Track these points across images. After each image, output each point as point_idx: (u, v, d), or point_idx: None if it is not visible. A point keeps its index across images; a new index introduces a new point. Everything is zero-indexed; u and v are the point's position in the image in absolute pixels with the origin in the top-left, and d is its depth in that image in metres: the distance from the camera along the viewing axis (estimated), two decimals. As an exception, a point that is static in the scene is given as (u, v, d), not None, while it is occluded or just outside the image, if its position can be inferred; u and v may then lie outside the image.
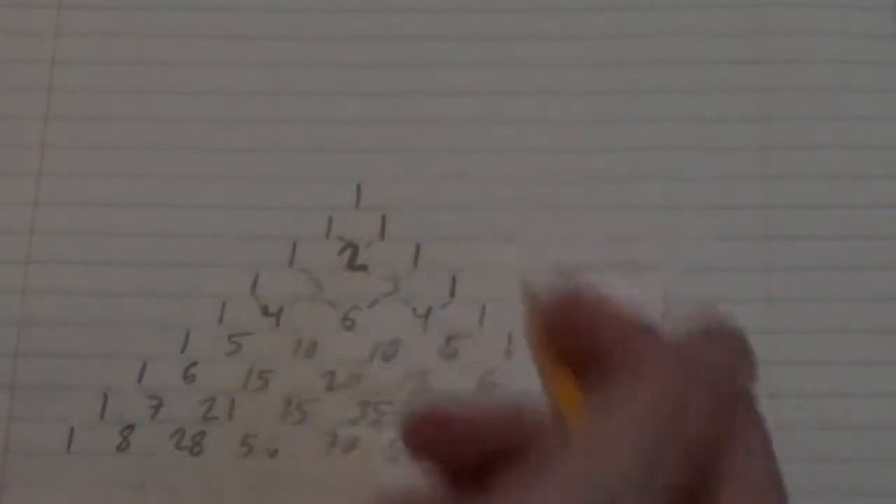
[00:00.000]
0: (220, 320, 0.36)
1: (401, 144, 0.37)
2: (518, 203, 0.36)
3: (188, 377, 0.35)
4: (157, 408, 0.35)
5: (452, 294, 0.36)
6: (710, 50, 0.37)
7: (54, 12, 0.39)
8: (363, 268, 0.36)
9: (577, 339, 0.22)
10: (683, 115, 0.37)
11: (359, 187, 0.37)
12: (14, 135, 0.37)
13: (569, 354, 0.23)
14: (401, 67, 0.38)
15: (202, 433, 0.35)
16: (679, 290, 0.35)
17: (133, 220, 0.37)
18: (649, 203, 0.36)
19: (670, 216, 0.36)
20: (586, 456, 0.20)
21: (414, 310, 0.36)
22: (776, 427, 0.22)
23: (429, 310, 0.36)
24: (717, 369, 0.22)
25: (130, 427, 0.35)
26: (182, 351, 0.36)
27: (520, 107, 0.37)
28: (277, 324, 0.36)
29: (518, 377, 0.35)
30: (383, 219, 0.37)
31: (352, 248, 0.36)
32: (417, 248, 0.36)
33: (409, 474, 0.34)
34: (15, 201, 0.37)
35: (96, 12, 0.39)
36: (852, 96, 0.37)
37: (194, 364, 0.36)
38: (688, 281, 0.35)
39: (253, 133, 0.37)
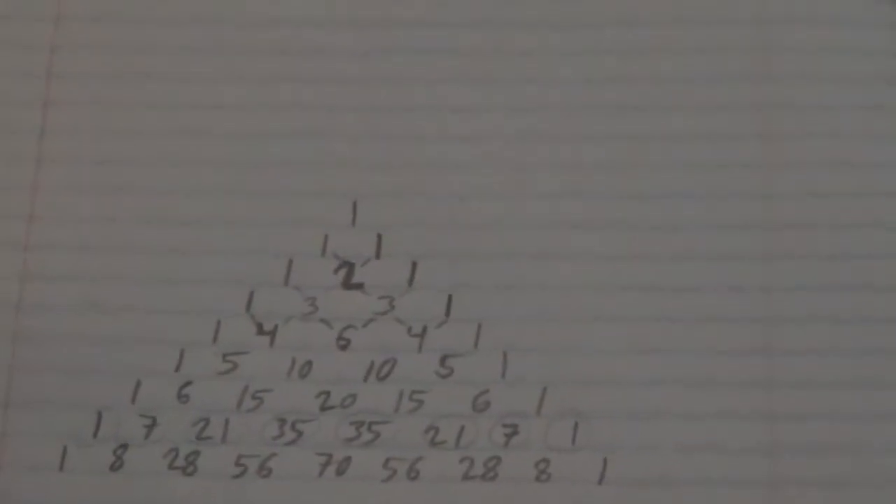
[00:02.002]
0: (215, 339, 0.36)
1: (398, 161, 0.37)
2: (515, 222, 0.36)
3: (182, 396, 0.35)
4: (150, 427, 0.35)
5: (448, 313, 0.36)
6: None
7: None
8: (359, 286, 0.36)
9: None
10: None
11: (355, 205, 0.37)
12: (7, 148, 0.37)
13: None
14: (400, 83, 0.38)
15: (196, 453, 0.35)
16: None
17: (127, 235, 0.36)
18: (645, 223, 0.36)
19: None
20: None
21: (409, 329, 0.36)
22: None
23: (424, 329, 0.36)
24: None
25: (124, 446, 0.35)
26: (176, 369, 0.36)
27: (520, 125, 0.37)
28: (272, 343, 0.36)
29: (513, 398, 0.35)
30: (379, 237, 0.36)
31: (347, 266, 0.36)
32: (413, 266, 0.36)
33: (403, 495, 0.34)
34: (9, 215, 0.37)
35: (93, 24, 0.39)
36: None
37: (189, 383, 0.35)
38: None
39: (248, 148, 0.37)
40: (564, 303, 0.35)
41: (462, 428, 0.35)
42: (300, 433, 0.35)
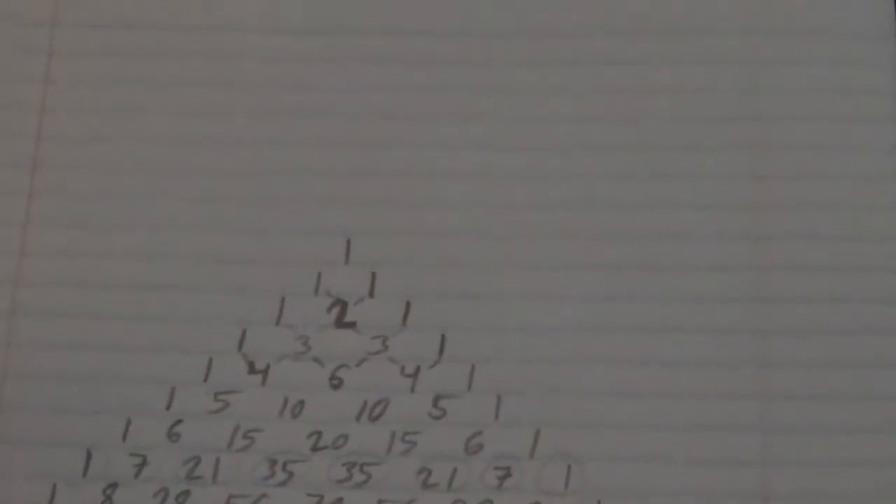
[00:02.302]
0: (206, 377, 0.35)
1: (392, 200, 0.37)
2: (510, 263, 0.36)
3: (173, 435, 0.35)
4: (140, 466, 0.35)
5: (441, 354, 0.36)
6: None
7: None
8: (352, 325, 0.36)
9: None
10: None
11: (348, 243, 0.36)
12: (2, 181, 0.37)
13: None
14: (395, 120, 0.37)
15: (186, 493, 0.35)
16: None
17: (119, 271, 0.36)
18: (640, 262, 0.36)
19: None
20: None
21: (402, 369, 0.35)
22: None
23: (417, 369, 0.35)
24: None
25: (113, 485, 0.35)
26: (167, 408, 0.35)
27: (514, 164, 0.37)
28: (264, 382, 0.35)
29: (506, 440, 0.35)
30: (373, 276, 0.36)
31: (340, 304, 0.36)
32: (407, 305, 0.36)
33: (395, 539, 0.34)
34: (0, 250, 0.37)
35: (85, 59, 0.38)
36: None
37: (179, 422, 0.35)
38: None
39: (242, 185, 0.37)
40: (558, 345, 0.35)
41: (455, 470, 0.35)
42: (291, 474, 0.35)
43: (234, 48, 0.38)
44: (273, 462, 0.35)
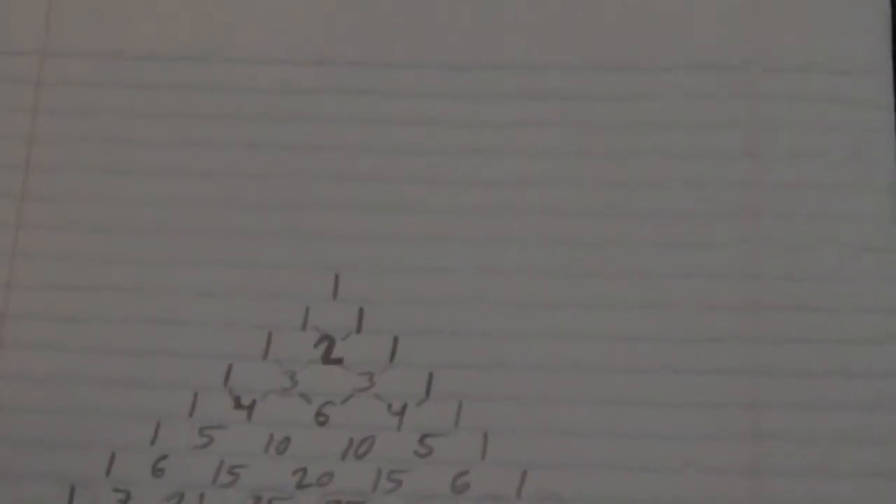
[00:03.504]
0: (192, 412, 0.35)
1: (381, 235, 0.36)
2: (499, 300, 0.36)
3: (157, 470, 0.35)
4: (124, 501, 0.34)
5: (428, 392, 0.35)
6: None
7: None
8: (339, 361, 0.36)
9: None
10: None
11: (337, 277, 0.36)
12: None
13: None
14: (383, 154, 0.37)
15: (170, 529, 0.34)
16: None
17: (105, 305, 0.36)
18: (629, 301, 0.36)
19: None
20: None
21: (389, 406, 0.35)
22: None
23: (404, 407, 0.35)
24: None
25: (96, 522, 0.34)
26: (152, 443, 0.35)
27: (506, 199, 0.37)
28: (250, 417, 0.35)
29: (492, 479, 0.35)
30: (361, 311, 0.36)
31: (328, 340, 0.36)
32: (395, 341, 0.36)
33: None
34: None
35: (76, 89, 0.38)
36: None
37: (164, 457, 0.35)
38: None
39: (229, 218, 0.37)
40: (546, 384, 0.35)
41: (441, 509, 0.34)
42: (276, 511, 0.34)
43: (224, 80, 0.38)
44: (258, 498, 0.34)
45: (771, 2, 0.38)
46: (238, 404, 0.35)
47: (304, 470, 0.35)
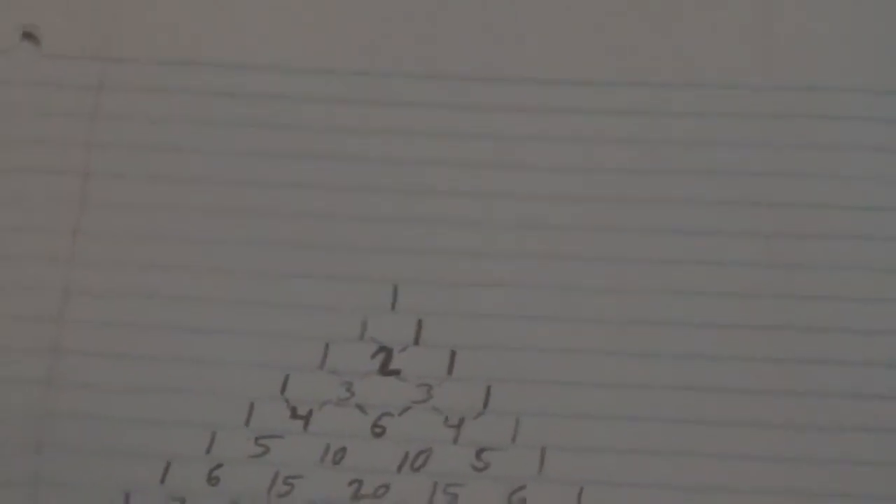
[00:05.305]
0: (248, 422, 0.35)
1: (439, 248, 0.36)
2: (558, 315, 0.36)
3: (212, 479, 0.35)
4: (180, 510, 0.35)
5: (486, 405, 0.35)
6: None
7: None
8: (396, 373, 0.35)
9: None
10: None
11: (395, 289, 0.36)
12: (48, 220, 0.37)
13: None
14: (444, 166, 0.37)
15: (225, 538, 0.34)
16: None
17: (163, 314, 0.36)
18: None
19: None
20: None
21: (446, 419, 0.35)
22: None
23: (461, 420, 0.35)
24: None
25: (152, 529, 0.34)
26: (207, 451, 0.35)
27: (565, 215, 0.37)
28: (306, 427, 0.35)
29: (549, 495, 0.34)
30: (419, 323, 0.36)
31: (385, 351, 0.36)
32: (453, 355, 0.35)
33: None
34: (44, 286, 0.36)
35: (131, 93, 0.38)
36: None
37: (219, 466, 0.35)
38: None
39: (287, 229, 0.37)
40: (605, 401, 0.35)
41: (497, 523, 0.34)
42: (331, 522, 0.34)
43: (278, 89, 0.38)
44: (313, 510, 0.34)
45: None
46: (294, 414, 0.35)
47: (360, 482, 0.35)
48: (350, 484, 0.35)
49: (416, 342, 0.36)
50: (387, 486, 0.35)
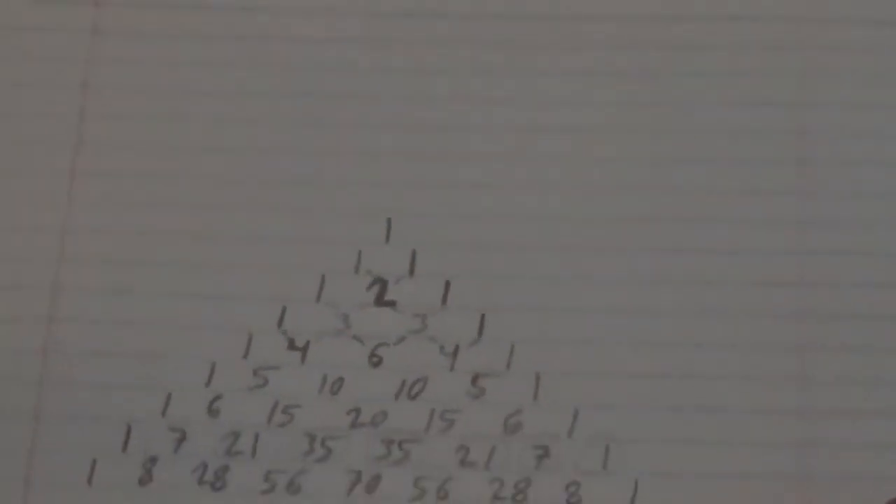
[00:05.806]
0: (246, 354, 0.36)
1: (433, 180, 0.37)
2: (551, 245, 0.36)
3: (212, 411, 0.35)
4: (180, 441, 0.35)
5: (481, 333, 0.36)
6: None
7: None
8: (391, 304, 0.36)
9: None
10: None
11: (389, 221, 0.37)
12: (46, 161, 0.37)
13: None
14: (435, 101, 0.38)
15: (225, 468, 0.35)
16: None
17: (160, 250, 0.36)
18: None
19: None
20: None
21: (441, 348, 0.36)
22: None
23: (456, 348, 0.35)
24: None
25: (153, 460, 0.35)
26: (207, 384, 0.35)
27: (557, 146, 0.37)
28: (303, 359, 0.36)
29: (544, 420, 0.35)
30: (413, 254, 0.36)
31: (380, 283, 0.36)
32: (447, 285, 0.36)
33: (433, 516, 0.34)
34: (44, 226, 0.37)
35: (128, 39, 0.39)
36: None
37: (219, 397, 0.35)
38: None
39: (282, 165, 0.37)
40: (598, 327, 0.35)
41: (493, 449, 0.35)
42: (330, 450, 0.35)
43: (275, 31, 0.38)
44: (312, 438, 0.35)
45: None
46: (292, 346, 0.36)
47: (358, 410, 0.35)
48: (348, 412, 0.35)
49: (411, 273, 0.36)
50: (384, 414, 0.35)
